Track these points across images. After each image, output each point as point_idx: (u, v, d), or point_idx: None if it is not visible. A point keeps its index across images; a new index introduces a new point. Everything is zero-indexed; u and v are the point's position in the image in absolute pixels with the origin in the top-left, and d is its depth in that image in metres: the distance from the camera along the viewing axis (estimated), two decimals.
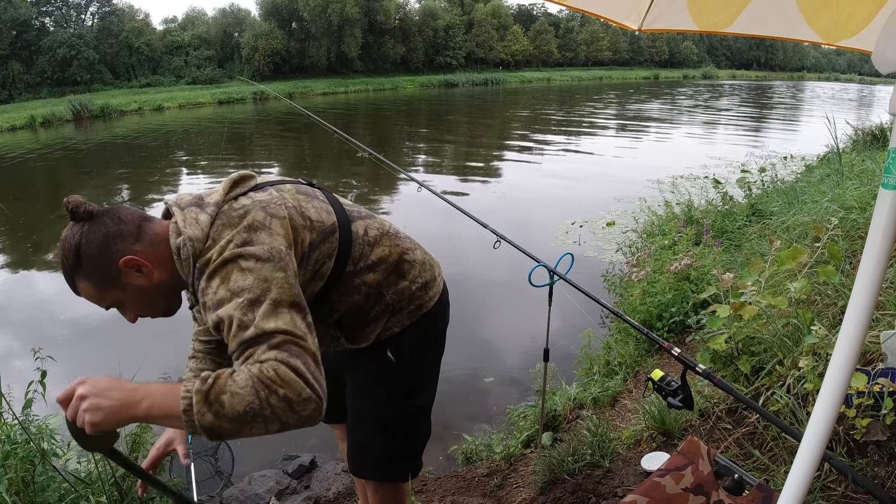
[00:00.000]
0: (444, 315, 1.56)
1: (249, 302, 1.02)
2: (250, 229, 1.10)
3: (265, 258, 1.06)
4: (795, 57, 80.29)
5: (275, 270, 1.06)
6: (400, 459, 1.58)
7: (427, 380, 1.57)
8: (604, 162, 12.26)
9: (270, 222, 1.13)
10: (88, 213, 1.11)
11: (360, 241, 1.34)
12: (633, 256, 5.06)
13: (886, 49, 0.90)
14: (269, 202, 1.17)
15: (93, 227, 1.10)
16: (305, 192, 1.31)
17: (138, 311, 1.21)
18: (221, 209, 1.13)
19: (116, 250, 1.10)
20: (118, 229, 1.11)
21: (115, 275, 1.11)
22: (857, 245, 2.92)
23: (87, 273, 1.11)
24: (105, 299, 1.16)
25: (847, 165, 5.23)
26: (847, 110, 23.47)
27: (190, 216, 1.12)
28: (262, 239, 1.09)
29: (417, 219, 7.87)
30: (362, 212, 1.43)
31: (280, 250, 1.09)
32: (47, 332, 4.86)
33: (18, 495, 1.91)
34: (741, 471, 1.46)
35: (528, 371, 3.79)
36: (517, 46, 54.09)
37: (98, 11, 38.08)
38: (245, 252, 1.06)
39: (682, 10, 1.26)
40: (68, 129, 22.41)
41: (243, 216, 1.12)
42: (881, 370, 1.75)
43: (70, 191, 11.33)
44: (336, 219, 1.29)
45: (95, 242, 1.09)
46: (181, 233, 1.11)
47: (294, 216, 1.19)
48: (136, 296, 1.16)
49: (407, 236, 1.49)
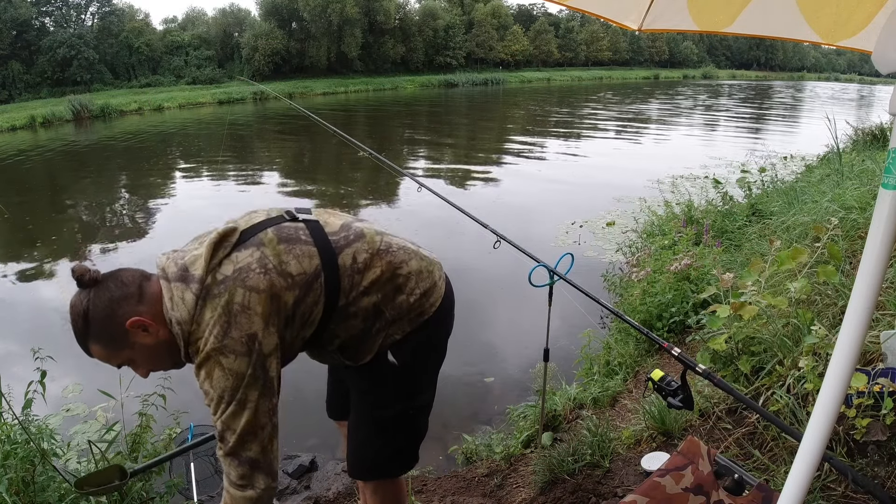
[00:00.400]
0: (446, 318, 1.54)
1: (223, 401, 1.18)
2: (229, 313, 1.17)
3: (242, 352, 1.17)
4: (795, 57, 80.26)
5: (247, 365, 1.17)
6: (397, 459, 1.59)
7: (428, 382, 1.57)
8: (604, 162, 12.25)
9: (249, 300, 1.18)
10: (93, 279, 1.19)
11: (348, 272, 1.32)
12: (633, 256, 5.06)
13: (886, 49, 0.90)
14: (248, 271, 1.20)
15: (98, 292, 1.18)
16: (287, 237, 1.28)
17: (149, 367, 1.29)
18: (205, 284, 1.18)
19: (122, 313, 1.18)
20: (122, 293, 1.19)
21: (122, 336, 1.19)
22: (857, 245, 2.92)
23: (97, 336, 1.20)
24: (116, 358, 1.24)
25: (847, 165, 5.23)
26: (847, 110, 23.47)
27: (177, 294, 1.18)
28: (241, 325, 1.17)
29: (417, 219, 7.87)
30: (350, 234, 1.36)
31: (256, 336, 1.18)
32: (47, 332, 4.86)
33: (18, 495, 1.91)
34: (741, 471, 1.46)
35: (528, 371, 3.79)
36: (517, 46, 54.06)
37: (98, 11, 38.03)
38: (224, 347, 1.16)
39: (682, 10, 1.26)
40: (68, 129, 22.40)
41: (223, 294, 1.18)
42: (881, 370, 1.75)
43: (70, 191, 11.36)
44: (319, 260, 1.29)
45: (101, 307, 1.18)
46: (169, 312, 1.19)
47: (274, 281, 1.22)
48: (144, 353, 1.24)
49: (401, 246, 1.43)
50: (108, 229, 8.44)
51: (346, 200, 9.67)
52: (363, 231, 1.39)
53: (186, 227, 7.90)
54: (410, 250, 1.45)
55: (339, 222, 1.40)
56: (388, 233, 1.47)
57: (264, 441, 1.22)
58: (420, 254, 1.47)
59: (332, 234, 1.34)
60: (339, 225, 1.38)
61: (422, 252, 1.49)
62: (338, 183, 11.35)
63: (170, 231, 7.94)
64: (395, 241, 1.44)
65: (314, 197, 10.09)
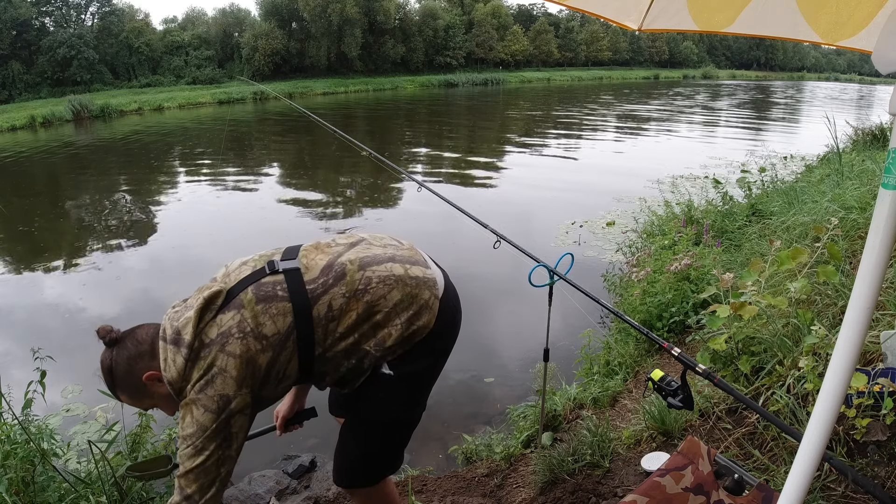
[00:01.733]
0: (445, 332, 1.52)
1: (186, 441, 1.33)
2: (208, 373, 1.32)
3: (212, 409, 1.31)
4: (795, 57, 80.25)
5: (213, 420, 1.31)
6: (380, 467, 1.65)
7: (422, 395, 1.59)
8: (604, 162, 12.26)
9: (227, 364, 1.32)
10: (113, 340, 1.40)
11: (322, 322, 1.38)
12: (633, 256, 5.06)
13: (886, 49, 0.90)
14: (228, 336, 1.33)
15: (119, 351, 1.39)
16: (265, 295, 1.36)
17: (172, 409, 1.48)
18: (193, 349, 1.33)
19: (139, 369, 1.38)
20: (137, 351, 1.39)
21: (142, 387, 1.39)
22: (857, 245, 2.92)
23: (122, 388, 1.42)
24: (142, 404, 1.47)
25: (847, 165, 5.23)
26: (847, 110, 23.47)
27: (170, 357, 1.34)
28: (217, 385, 1.31)
29: (417, 219, 7.87)
30: (329, 279, 1.39)
31: (227, 396, 1.32)
32: (47, 332, 4.86)
33: (18, 495, 1.91)
34: (741, 471, 1.46)
35: (528, 371, 3.79)
36: (517, 46, 54.05)
37: (98, 11, 38.01)
38: (198, 400, 1.32)
39: (682, 10, 1.26)
40: (68, 129, 22.41)
41: (207, 357, 1.32)
42: (881, 370, 1.75)
43: (71, 191, 11.34)
44: (293, 316, 1.36)
45: (122, 365, 1.39)
46: (163, 372, 1.36)
47: (250, 345, 1.33)
48: (164, 399, 1.43)
49: (383, 278, 1.41)
50: (108, 229, 8.44)
51: (346, 201, 9.67)
52: (345, 270, 1.40)
53: (187, 228, 7.97)
54: (393, 279, 1.42)
55: (322, 264, 1.41)
56: (376, 256, 1.44)
57: (205, 486, 1.36)
58: (406, 278, 1.43)
59: (310, 283, 1.39)
60: (321, 268, 1.41)
61: (411, 274, 1.45)
62: (338, 183, 11.35)
63: (171, 230, 7.95)
64: (378, 273, 1.41)
65: (314, 197, 10.09)
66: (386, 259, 1.45)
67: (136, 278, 6.16)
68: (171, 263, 6.69)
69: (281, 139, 18.19)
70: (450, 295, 1.53)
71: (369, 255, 1.45)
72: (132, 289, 5.87)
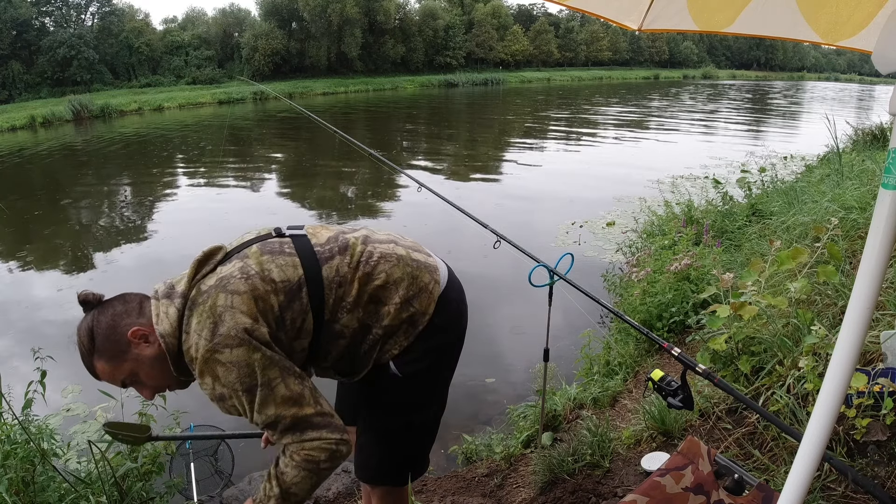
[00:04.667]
0: (450, 326, 1.49)
1: (245, 394, 1.19)
2: (213, 314, 1.20)
3: (236, 343, 1.18)
4: (795, 57, 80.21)
5: (249, 352, 1.18)
6: (404, 467, 1.58)
7: (433, 394, 1.55)
8: (604, 162, 12.25)
9: (232, 301, 1.21)
10: (98, 299, 1.29)
11: (332, 285, 1.33)
12: (633, 256, 5.05)
13: (886, 49, 0.90)
14: (229, 279, 1.24)
15: (102, 310, 1.27)
16: (271, 249, 1.32)
17: (153, 384, 1.32)
18: (189, 297, 1.23)
19: (124, 325, 1.25)
20: (123, 308, 1.27)
21: (125, 347, 1.25)
22: (857, 245, 2.92)
23: (101, 351, 1.25)
24: (120, 372, 1.28)
25: (847, 165, 5.22)
26: (847, 110, 23.47)
27: (162, 310, 1.24)
28: (227, 322, 1.19)
29: (417, 219, 7.87)
30: (335, 247, 1.37)
31: (246, 328, 1.19)
32: (47, 332, 4.86)
33: (18, 495, 1.91)
34: (741, 471, 1.46)
35: (528, 371, 3.79)
36: (517, 46, 54.03)
37: (98, 11, 37.99)
38: (216, 345, 1.18)
39: (682, 10, 1.26)
40: (68, 129, 22.40)
41: (207, 301, 1.22)
42: (881, 370, 1.75)
43: (71, 191, 11.35)
44: (303, 271, 1.30)
45: (105, 322, 1.25)
46: (156, 327, 1.23)
47: (257, 285, 1.24)
48: (146, 367, 1.27)
49: (384, 254, 1.39)
50: (108, 229, 8.44)
51: (346, 201, 9.67)
52: (349, 243, 1.39)
53: (188, 228, 7.95)
54: (395, 257, 1.40)
55: (328, 235, 1.40)
56: (379, 238, 1.44)
57: (309, 402, 1.24)
58: (408, 259, 1.42)
59: (318, 246, 1.36)
60: (327, 237, 1.39)
61: (412, 256, 1.44)
62: (338, 183, 11.35)
63: (171, 231, 7.94)
64: (379, 249, 1.40)
65: (314, 197, 10.09)
66: (389, 241, 1.45)
67: (136, 278, 6.15)
68: (171, 263, 6.68)
69: (281, 139, 18.19)
70: (454, 290, 1.50)
71: (372, 237, 1.45)
72: (132, 289, 5.84)
